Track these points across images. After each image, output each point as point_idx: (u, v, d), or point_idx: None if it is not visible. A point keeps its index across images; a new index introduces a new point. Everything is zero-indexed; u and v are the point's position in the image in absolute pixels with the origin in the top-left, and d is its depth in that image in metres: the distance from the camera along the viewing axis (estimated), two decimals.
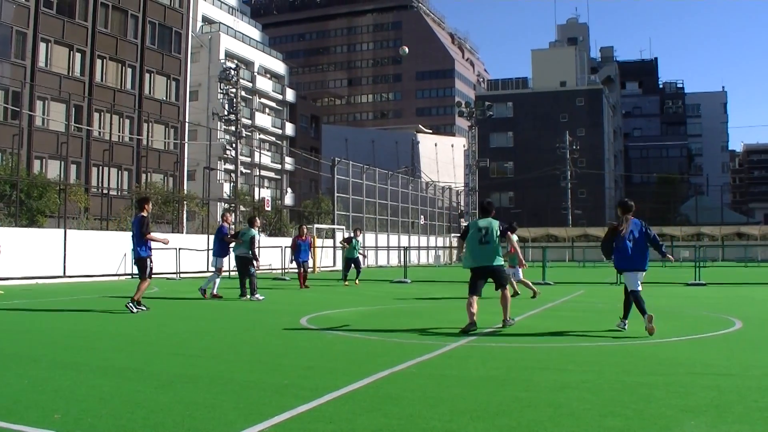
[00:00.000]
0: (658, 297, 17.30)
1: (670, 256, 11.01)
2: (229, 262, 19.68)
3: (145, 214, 12.95)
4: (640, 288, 10.08)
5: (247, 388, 6.15)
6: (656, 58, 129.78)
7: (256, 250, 17.05)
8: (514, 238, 14.04)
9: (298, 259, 22.23)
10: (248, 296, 16.44)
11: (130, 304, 12.89)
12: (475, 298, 10.31)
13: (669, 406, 5.43)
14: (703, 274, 24.24)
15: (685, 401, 5.59)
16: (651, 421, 4.98)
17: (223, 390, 6.05)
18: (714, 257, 50.48)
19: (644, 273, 10.31)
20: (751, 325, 11.18)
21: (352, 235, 25.68)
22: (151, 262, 13.03)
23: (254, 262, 16.68)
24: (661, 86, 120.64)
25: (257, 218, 18.45)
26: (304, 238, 22.48)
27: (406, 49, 18.06)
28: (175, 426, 4.83)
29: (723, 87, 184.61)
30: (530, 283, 17.30)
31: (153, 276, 13.56)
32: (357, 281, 23.85)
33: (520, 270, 17.21)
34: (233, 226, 22.22)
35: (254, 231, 16.99)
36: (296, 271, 22.98)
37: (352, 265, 23.83)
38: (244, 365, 7.47)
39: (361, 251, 24.85)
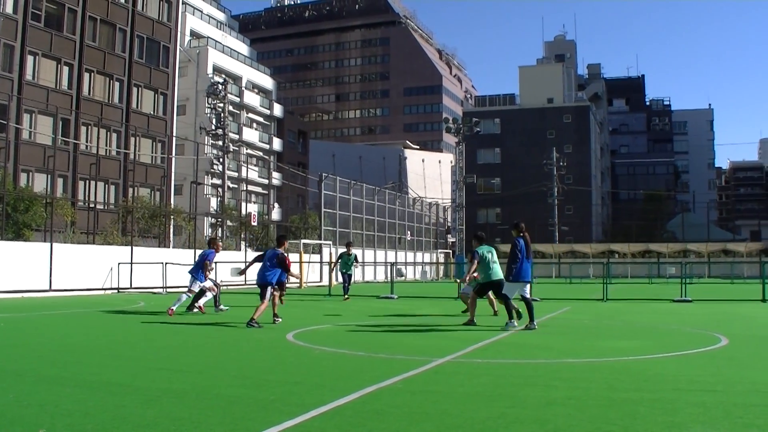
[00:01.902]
0: (645, 313, 17.36)
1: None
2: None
3: (282, 250, 14.62)
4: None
5: (233, 403, 6.13)
6: (643, 76, 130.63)
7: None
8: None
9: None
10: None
11: (252, 322, 13.58)
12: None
13: (655, 422, 5.45)
14: (689, 291, 24.31)
15: (672, 418, 5.61)
16: None
17: (210, 405, 6.04)
18: (700, 274, 50.74)
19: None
20: (736, 341, 11.23)
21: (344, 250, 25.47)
22: (273, 289, 14.43)
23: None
24: (647, 103, 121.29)
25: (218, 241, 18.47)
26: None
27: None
28: None
29: (709, 104, 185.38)
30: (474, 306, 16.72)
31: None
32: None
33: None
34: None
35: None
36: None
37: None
38: (231, 380, 7.45)
39: (355, 265, 24.66)
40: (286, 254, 14.78)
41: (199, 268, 16.85)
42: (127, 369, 8.12)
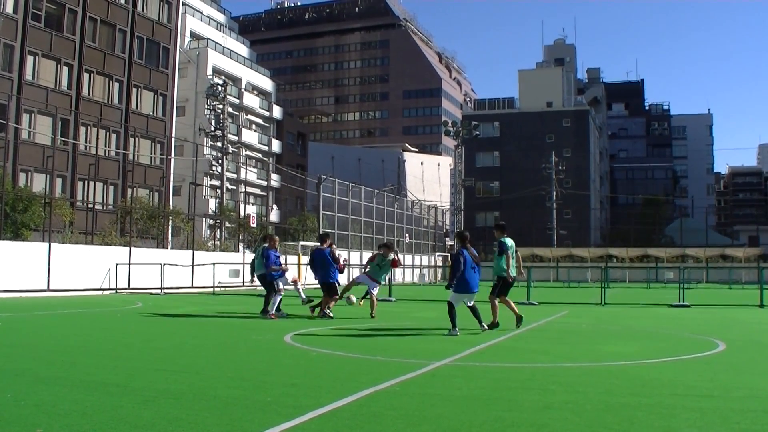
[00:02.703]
0: (642, 318, 17.37)
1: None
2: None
3: (326, 246, 16.44)
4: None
5: (230, 404, 6.13)
6: (642, 80, 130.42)
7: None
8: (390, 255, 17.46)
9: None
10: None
11: (327, 310, 15.86)
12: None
13: (652, 427, 5.46)
14: (687, 296, 24.29)
15: (668, 423, 5.62)
16: None
17: (207, 406, 6.04)
18: (698, 279, 50.68)
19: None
20: (734, 347, 11.23)
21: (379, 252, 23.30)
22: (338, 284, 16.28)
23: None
24: (647, 108, 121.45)
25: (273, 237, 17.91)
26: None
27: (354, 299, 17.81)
28: None
29: (709, 109, 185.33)
30: (375, 303, 16.81)
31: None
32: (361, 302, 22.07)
33: (378, 288, 17.21)
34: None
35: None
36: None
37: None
38: (228, 382, 7.44)
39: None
40: (332, 249, 16.51)
41: (270, 269, 16.42)
42: (125, 369, 8.12)
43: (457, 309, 12.74)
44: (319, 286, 16.88)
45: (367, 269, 17.39)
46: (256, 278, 17.06)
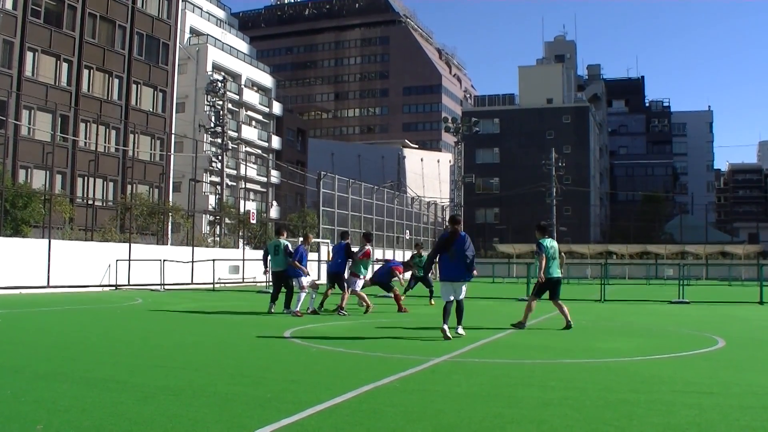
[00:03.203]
0: (642, 314, 17.38)
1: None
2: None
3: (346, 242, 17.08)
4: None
5: (230, 401, 6.14)
6: (643, 77, 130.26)
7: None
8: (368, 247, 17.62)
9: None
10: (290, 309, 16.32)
11: (341, 311, 15.97)
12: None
13: (651, 424, 5.46)
14: (686, 293, 24.34)
15: (667, 419, 5.62)
16: None
17: (206, 403, 6.04)
18: (698, 276, 50.73)
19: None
20: (733, 344, 11.24)
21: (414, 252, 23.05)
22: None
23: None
24: (647, 105, 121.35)
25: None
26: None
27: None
28: None
29: (709, 106, 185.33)
30: (366, 297, 17.14)
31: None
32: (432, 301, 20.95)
33: (360, 282, 17.23)
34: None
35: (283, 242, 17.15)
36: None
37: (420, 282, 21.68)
38: (228, 378, 7.45)
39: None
40: (350, 244, 17.16)
41: (301, 268, 16.42)
42: (125, 366, 8.13)
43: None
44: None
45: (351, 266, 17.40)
46: (269, 272, 17.35)
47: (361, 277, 17.15)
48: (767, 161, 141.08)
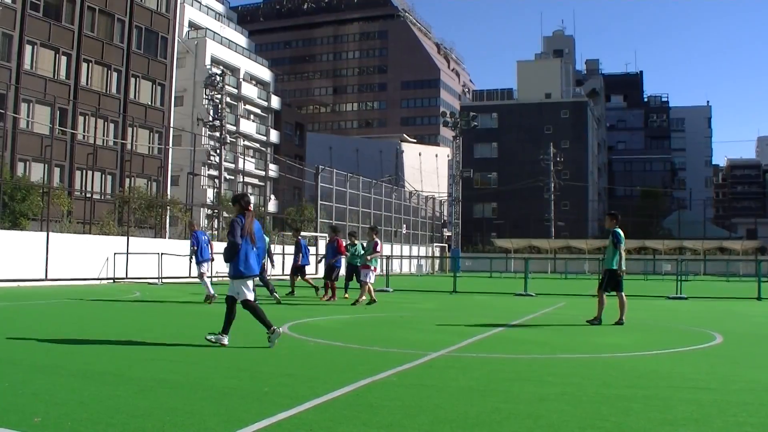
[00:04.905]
0: (640, 310, 17.38)
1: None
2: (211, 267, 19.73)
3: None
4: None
5: (227, 394, 6.14)
6: (641, 72, 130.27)
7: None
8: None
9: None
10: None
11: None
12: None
13: (648, 419, 5.46)
14: (684, 288, 24.33)
15: (665, 415, 5.62)
16: None
17: (203, 396, 6.04)
18: (696, 271, 50.78)
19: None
20: (731, 339, 11.25)
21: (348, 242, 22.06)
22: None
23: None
24: (645, 100, 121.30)
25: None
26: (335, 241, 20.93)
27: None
28: (154, 431, 4.81)
29: (707, 101, 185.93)
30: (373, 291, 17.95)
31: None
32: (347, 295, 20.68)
33: (373, 274, 17.95)
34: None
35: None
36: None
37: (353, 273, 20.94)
38: (225, 372, 7.45)
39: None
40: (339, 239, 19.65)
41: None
42: (122, 359, 8.12)
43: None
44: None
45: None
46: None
47: (373, 268, 17.45)
48: (766, 157, 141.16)
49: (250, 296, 9.44)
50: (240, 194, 10.05)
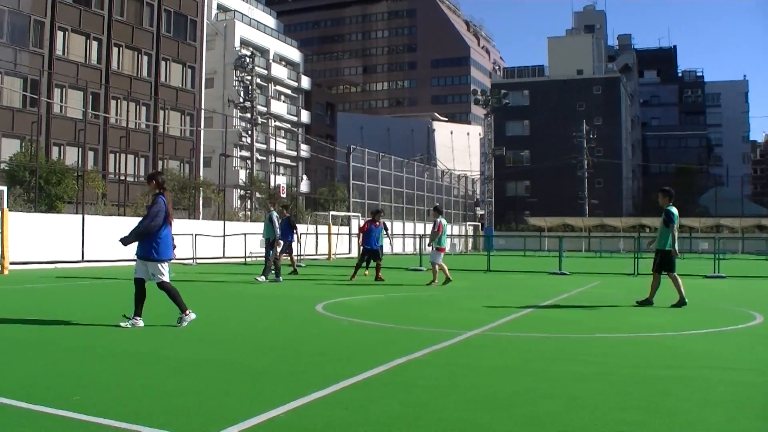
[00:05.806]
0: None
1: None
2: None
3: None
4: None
5: (260, 373, 6.15)
6: (675, 46, 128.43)
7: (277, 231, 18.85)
8: (440, 220, 17.78)
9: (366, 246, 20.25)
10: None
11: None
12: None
13: (686, 399, 5.38)
14: (722, 267, 23.93)
15: (703, 395, 5.54)
16: (669, 415, 4.93)
17: (237, 376, 6.06)
18: (733, 250, 50.08)
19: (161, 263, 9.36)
20: None
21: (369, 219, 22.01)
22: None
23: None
24: (679, 75, 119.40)
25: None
26: (378, 224, 20.59)
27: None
28: (189, 410, 4.83)
29: (744, 76, 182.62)
30: (446, 269, 17.76)
31: None
32: (367, 272, 21.21)
33: (441, 254, 17.68)
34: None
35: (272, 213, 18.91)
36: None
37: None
38: (258, 352, 7.47)
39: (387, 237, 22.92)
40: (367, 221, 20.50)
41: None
42: (155, 339, 8.19)
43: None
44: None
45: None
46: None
47: (443, 248, 17.42)
48: None
49: (166, 278, 9.41)
50: (156, 172, 10.02)
